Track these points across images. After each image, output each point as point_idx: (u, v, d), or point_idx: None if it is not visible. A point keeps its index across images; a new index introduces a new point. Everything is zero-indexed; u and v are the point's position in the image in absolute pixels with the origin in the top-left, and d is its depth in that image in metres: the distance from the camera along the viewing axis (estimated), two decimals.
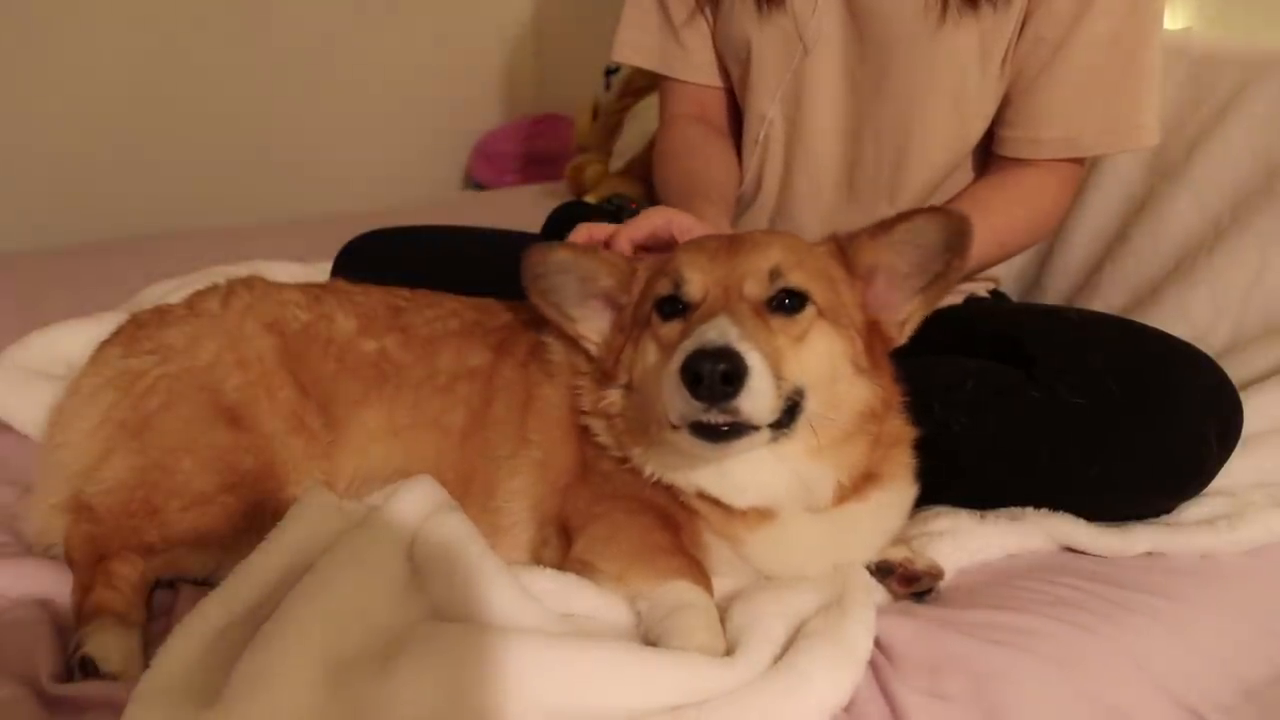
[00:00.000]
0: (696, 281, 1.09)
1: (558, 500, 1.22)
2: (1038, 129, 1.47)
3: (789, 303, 1.09)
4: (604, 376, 1.20)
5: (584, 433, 1.22)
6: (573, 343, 1.26)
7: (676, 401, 0.99)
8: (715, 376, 0.96)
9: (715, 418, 0.98)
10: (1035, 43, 1.43)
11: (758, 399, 0.98)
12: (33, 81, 3.15)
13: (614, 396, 1.18)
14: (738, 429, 0.99)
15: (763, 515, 1.13)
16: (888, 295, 1.18)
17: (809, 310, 1.09)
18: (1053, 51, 1.42)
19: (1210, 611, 1.18)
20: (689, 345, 0.99)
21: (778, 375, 1.01)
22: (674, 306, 1.11)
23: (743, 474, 1.11)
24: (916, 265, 1.15)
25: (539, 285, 1.22)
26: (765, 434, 1.03)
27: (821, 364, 1.09)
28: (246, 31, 3.53)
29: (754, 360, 0.98)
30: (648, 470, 1.15)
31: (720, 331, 1.00)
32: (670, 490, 1.16)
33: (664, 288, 1.12)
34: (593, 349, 1.24)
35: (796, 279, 1.09)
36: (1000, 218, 1.48)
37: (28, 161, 3.16)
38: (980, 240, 1.42)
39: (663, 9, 1.66)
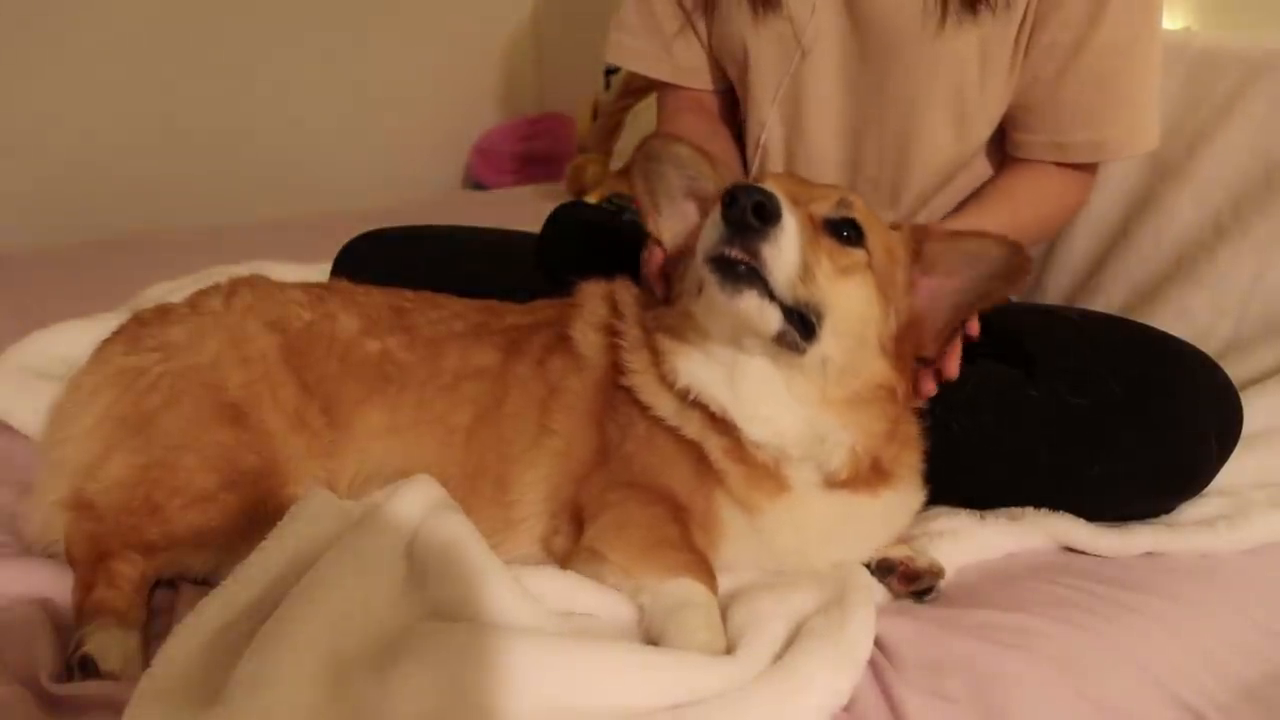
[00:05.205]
0: (770, 185, 1.11)
1: (573, 489, 1.22)
2: (1063, 133, 1.46)
3: (846, 234, 1.12)
4: (656, 300, 1.26)
5: (609, 418, 1.23)
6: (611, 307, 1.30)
7: (710, 231, 1.04)
8: (749, 204, 1.01)
9: (736, 252, 1.02)
10: (1050, 48, 1.42)
11: (780, 254, 1.03)
12: (33, 81, 3.15)
13: (663, 310, 1.21)
14: (751, 275, 1.03)
15: (779, 484, 1.15)
16: (932, 301, 1.19)
17: (860, 254, 1.13)
18: (1069, 56, 1.41)
19: (1210, 611, 1.19)
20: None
21: (806, 274, 1.05)
22: None
23: (756, 398, 1.13)
24: (968, 283, 1.18)
25: (647, 168, 1.26)
26: (775, 315, 1.05)
27: (852, 307, 1.11)
28: (246, 31, 3.53)
29: (789, 219, 1.03)
30: (681, 382, 1.16)
31: (770, 189, 1.05)
32: (698, 449, 1.16)
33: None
34: (660, 248, 1.28)
35: (862, 218, 1.13)
36: (1031, 222, 1.49)
37: (28, 161, 3.16)
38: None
39: (655, 15, 1.65)
